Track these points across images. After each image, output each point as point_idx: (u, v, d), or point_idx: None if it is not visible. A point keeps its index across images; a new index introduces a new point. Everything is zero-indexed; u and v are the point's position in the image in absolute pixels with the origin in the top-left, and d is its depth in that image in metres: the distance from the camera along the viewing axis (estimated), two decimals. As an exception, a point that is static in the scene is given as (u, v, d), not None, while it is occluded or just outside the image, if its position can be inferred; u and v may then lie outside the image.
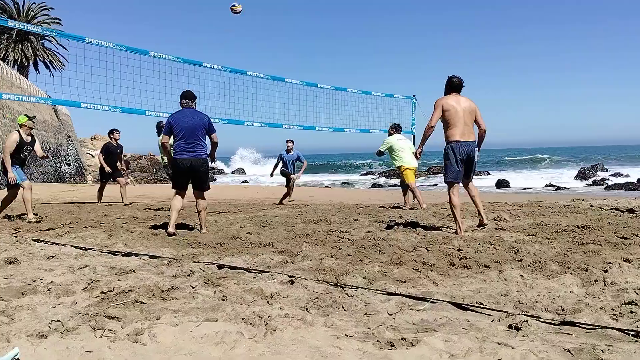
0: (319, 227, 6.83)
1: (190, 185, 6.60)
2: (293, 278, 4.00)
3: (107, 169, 11.06)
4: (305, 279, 3.97)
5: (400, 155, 9.88)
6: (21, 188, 7.92)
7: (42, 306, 3.36)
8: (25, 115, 8.16)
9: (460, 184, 6.41)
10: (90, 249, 5.41)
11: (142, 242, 5.89)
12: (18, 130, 7.95)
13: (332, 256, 4.87)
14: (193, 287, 3.80)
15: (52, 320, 3.00)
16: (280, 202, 11.71)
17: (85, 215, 8.99)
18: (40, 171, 25.63)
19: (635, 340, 2.66)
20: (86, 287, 3.82)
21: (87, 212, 9.69)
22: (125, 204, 11.06)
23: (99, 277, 4.12)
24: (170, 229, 6.26)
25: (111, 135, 11.39)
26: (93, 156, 35.33)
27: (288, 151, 11.78)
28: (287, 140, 11.77)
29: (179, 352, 2.58)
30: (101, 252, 5.26)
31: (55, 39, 40.05)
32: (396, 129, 10.18)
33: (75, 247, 5.53)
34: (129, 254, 5.09)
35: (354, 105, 11.47)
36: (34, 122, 8.09)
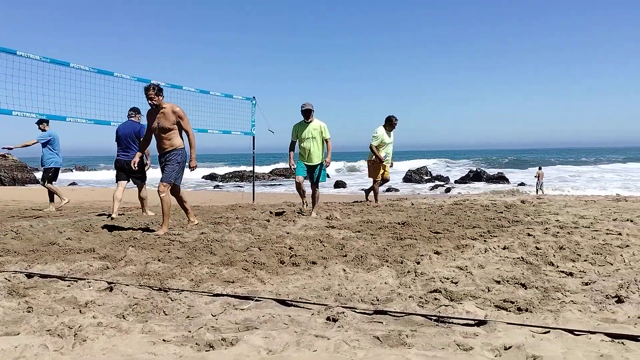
0: (149, 229, 6.53)
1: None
2: (112, 284, 3.76)
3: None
4: (126, 285, 3.75)
5: (387, 150, 9.92)
6: None
7: None
8: None
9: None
10: None
11: (-64, 252, 5.12)
12: None
13: (159, 260, 4.67)
14: (-8, 300, 3.38)
15: None
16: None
17: None
18: None
19: (436, 325, 2.91)
20: None
21: None
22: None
23: None
24: (113, 214, 7.83)
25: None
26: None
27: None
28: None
29: (-36, 374, 2.27)
30: None
31: None
32: (391, 122, 9.93)
33: None
34: None
35: (191, 104, 11.10)
36: None
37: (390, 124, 9.92)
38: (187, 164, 6.45)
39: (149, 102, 6.18)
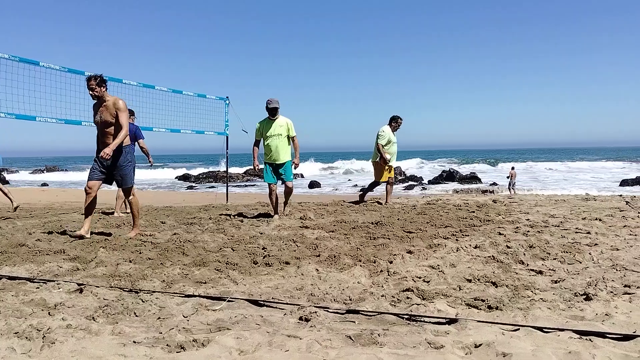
0: (120, 231, 6.44)
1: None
2: (82, 286, 3.70)
3: None
4: (97, 287, 3.69)
5: (392, 150, 9.66)
6: None
7: None
8: None
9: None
10: None
11: None
12: None
13: (130, 261, 4.61)
14: (-44, 303, 3.29)
15: None
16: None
17: None
18: None
19: (408, 323, 2.93)
20: None
21: None
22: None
23: None
24: (116, 213, 8.38)
25: None
26: None
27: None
28: None
29: None
30: None
31: None
32: (396, 122, 9.71)
33: None
34: None
35: (163, 104, 10.95)
36: None
37: (396, 123, 9.75)
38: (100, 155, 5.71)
39: (90, 92, 5.81)
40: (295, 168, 7.88)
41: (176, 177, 37.62)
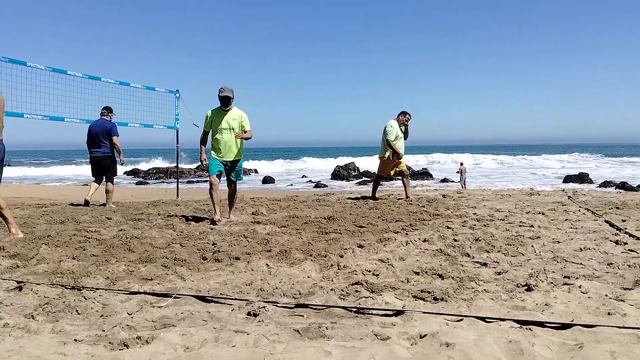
0: (64, 227, 6.23)
1: None
2: (22, 284, 3.56)
3: None
4: (37, 284, 3.56)
5: (399, 144, 9.39)
6: None
7: None
8: None
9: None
10: None
11: None
12: None
13: (74, 258, 4.47)
14: None
15: None
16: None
17: None
18: None
19: (356, 316, 2.95)
20: None
21: None
22: None
23: None
24: (87, 197, 8.96)
25: None
26: None
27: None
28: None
29: None
30: None
31: None
32: (404, 115, 9.38)
33: None
34: None
35: (111, 96, 10.61)
36: None
37: (404, 117, 9.45)
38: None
39: None
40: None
41: (125, 173, 36.65)
